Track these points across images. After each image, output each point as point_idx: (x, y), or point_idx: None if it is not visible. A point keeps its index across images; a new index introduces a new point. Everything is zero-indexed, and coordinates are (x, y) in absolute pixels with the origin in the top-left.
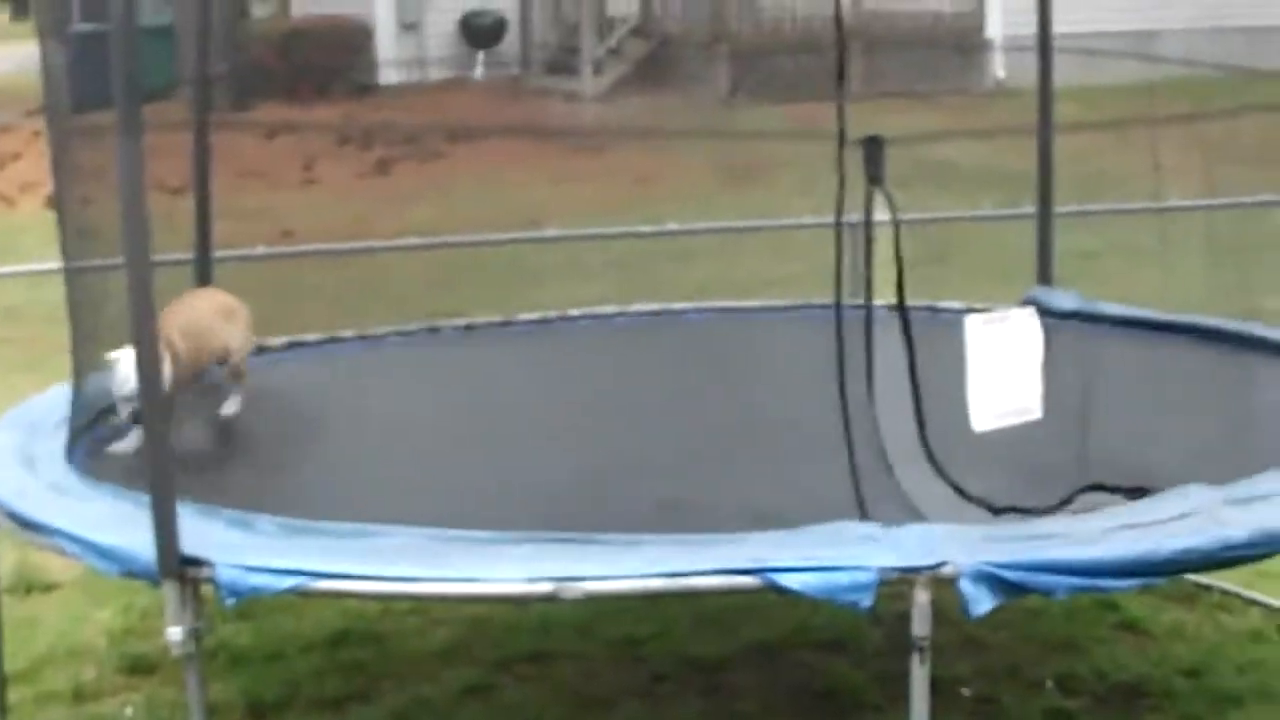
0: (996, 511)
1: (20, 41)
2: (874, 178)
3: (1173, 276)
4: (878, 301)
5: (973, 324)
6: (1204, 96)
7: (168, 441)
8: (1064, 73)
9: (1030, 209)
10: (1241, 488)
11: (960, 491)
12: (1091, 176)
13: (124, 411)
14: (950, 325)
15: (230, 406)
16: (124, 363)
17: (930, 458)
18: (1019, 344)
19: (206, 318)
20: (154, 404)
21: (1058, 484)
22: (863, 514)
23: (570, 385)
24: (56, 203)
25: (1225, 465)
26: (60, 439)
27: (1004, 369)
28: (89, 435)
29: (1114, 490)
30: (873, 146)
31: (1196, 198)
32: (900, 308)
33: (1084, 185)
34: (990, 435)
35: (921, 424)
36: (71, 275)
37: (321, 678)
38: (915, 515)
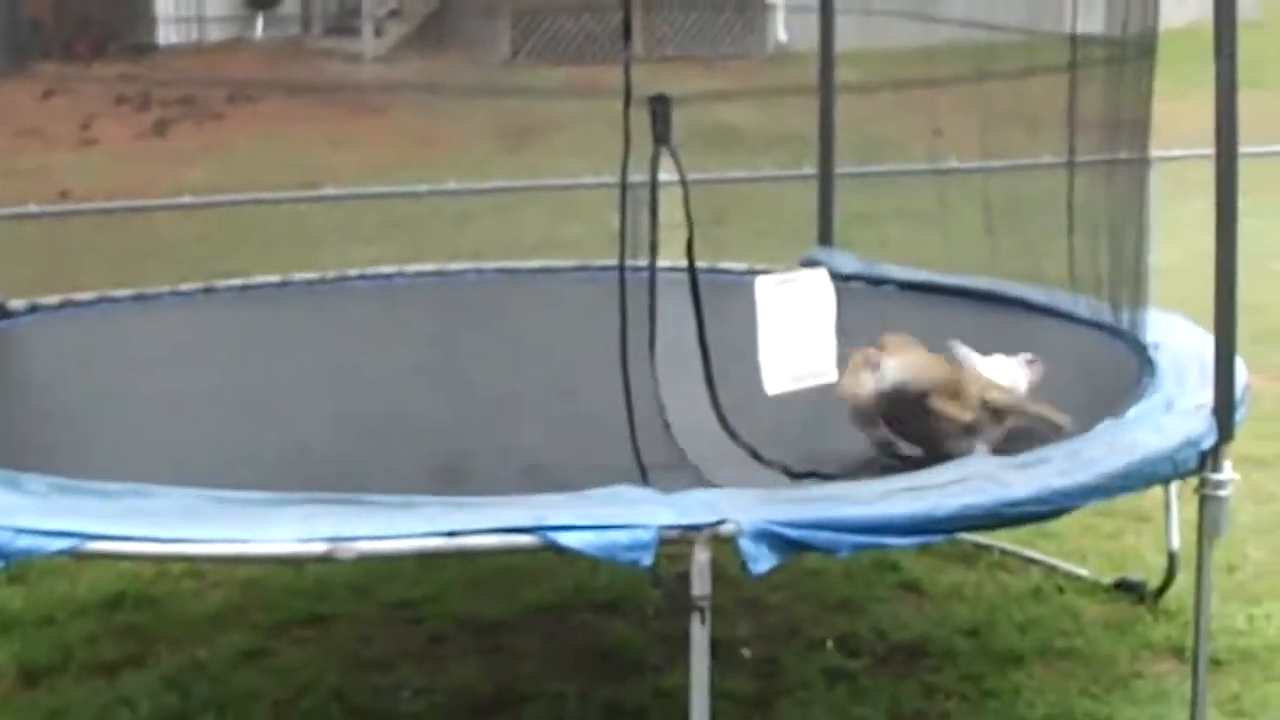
0: (794, 476)
1: None
2: (660, 137)
3: (953, 239)
4: (661, 262)
5: (763, 285)
6: (984, 60)
7: None
8: (845, 37)
9: (811, 171)
10: (1022, 454)
11: (756, 456)
12: (872, 140)
13: None
14: (733, 287)
15: None
16: None
17: (722, 422)
18: (810, 305)
19: None
20: None
21: (850, 451)
22: (644, 478)
23: (348, 346)
24: None
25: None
26: None
27: (796, 331)
28: None
29: (906, 459)
30: (659, 105)
31: (976, 160)
32: (690, 269)
33: (864, 148)
34: (779, 400)
35: (712, 388)
36: None
37: (95, 642)
38: (699, 480)
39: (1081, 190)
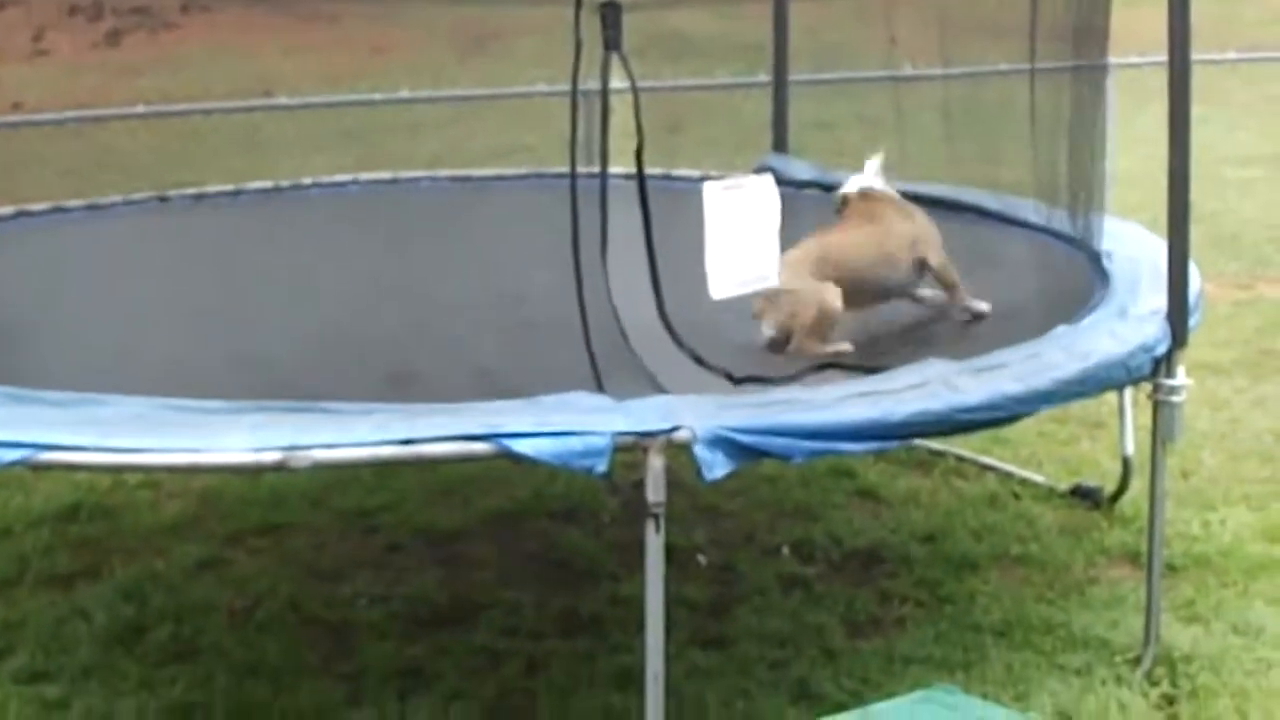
0: (736, 381)
1: None
2: (610, 43)
3: (909, 147)
4: (614, 170)
5: (710, 191)
6: None
7: None
8: None
9: (765, 78)
10: (977, 360)
11: (699, 361)
12: (827, 47)
13: None
14: (686, 194)
15: None
16: None
17: (668, 328)
18: (757, 211)
19: None
20: None
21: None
22: (599, 385)
23: (301, 255)
24: None
25: (963, 339)
26: None
27: (742, 236)
28: None
29: (850, 369)
30: (610, 11)
31: (933, 67)
32: (640, 176)
33: (820, 56)
34: (728, 305)
35: (659, 294)
36: None
37: (51, 553)
38: (653, 386)
39: (1040, 98)
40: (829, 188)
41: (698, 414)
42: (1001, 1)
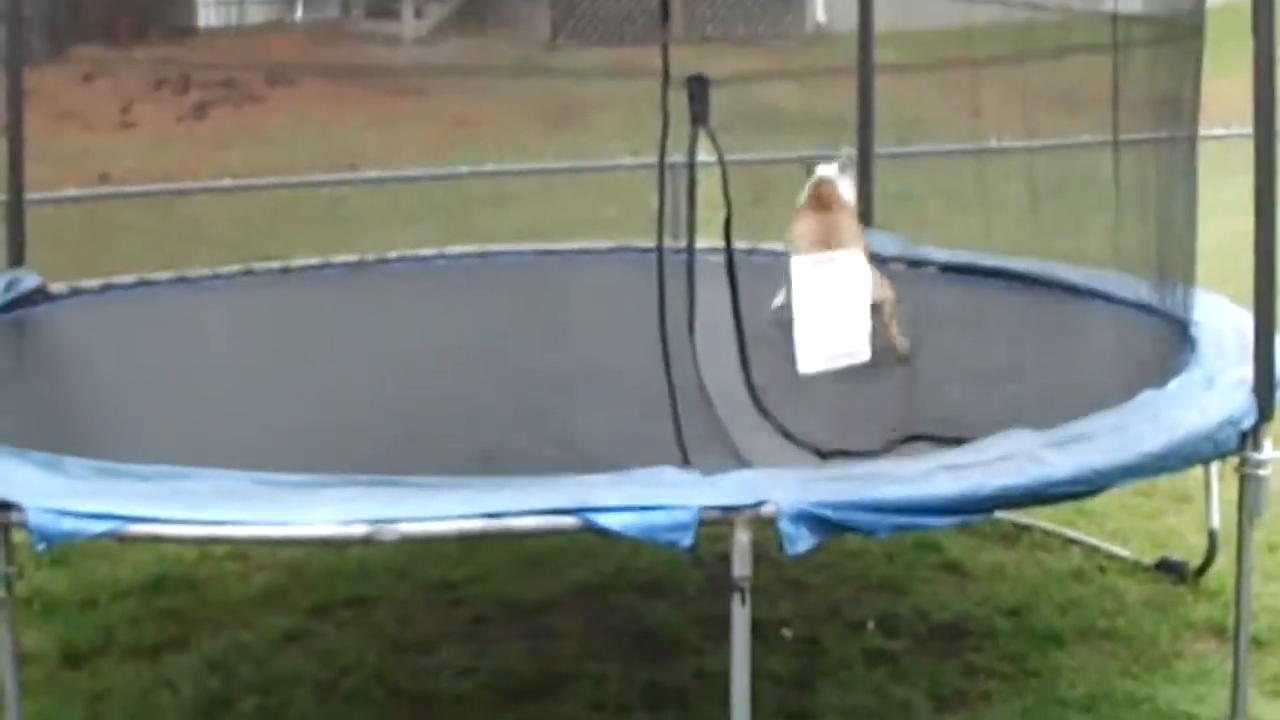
0: (824, 455)
1: None
2: (698, 117)
3: (993, 220)
4: (700, 243)
5: (800, 265)
6: (1023, 40)
7: None
8: (884, 16)
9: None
10: (1063, 430)
11: (787, 435)
12: (911, 120)
13: None
14: (770, 268)
15: None
16: None
17: (756, 402)
18: (846, 285)
19: None
20: None
21: (884, 430)
22: (685, 459)
23: (388, 329)
24: None
25: (1047, 410)
26: None
27: (831, 311)
28: None
29: (937, 440)
30: (698, 85)
31: (1016, 139)
32: (728, 250)
33: (903, 128)
34: (816, 380)
35: (747, 368)
36: None
37: (137, 625)
38: (739, 460)
39: (1126, 169)
40: (914, 262)
41: (783, 488)
42: (1086, 73)
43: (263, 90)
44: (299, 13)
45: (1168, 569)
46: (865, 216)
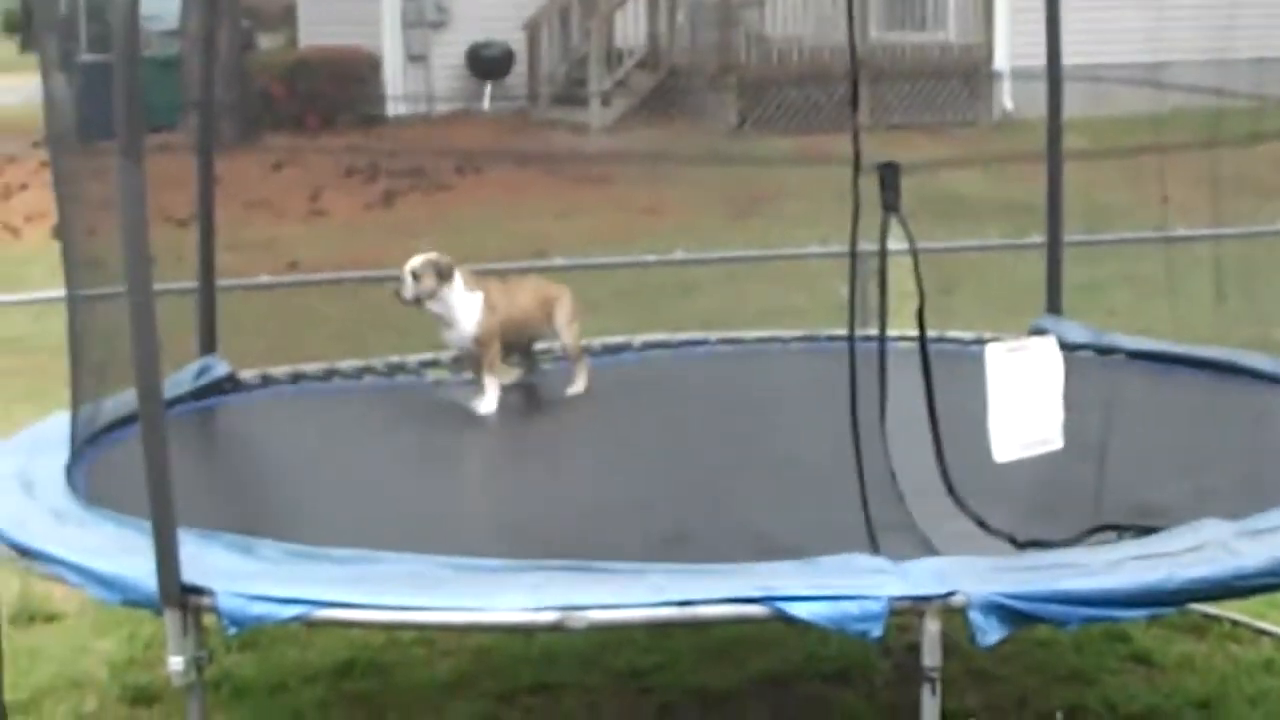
0: (1019, 545)
1: (28, 73)
2: (889, 204)
3: (1181, 307)
4: (890, 331)
5: (994, 353)
6: (1211, 127)
7: (168, 467)
8: (1072, 104)
9: (1037, 239)
10: (1254, 520)
11: (983, 525)
12: (1099, 207)
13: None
14: (959, 355)
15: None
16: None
17: (950, 491)
18: (1040, 373)
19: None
20: (152, 429)
21: (1073, 518)
22: (874, 547)
23: (576, 416)
24: (61, 233)
25: (1238, 499)
26: (60, 465)
27: (1025, 399)
28: (89, 460)
29: (1127, 529)
30: (888, 172)
31: (1204, 227)
32: (921, 338)
33: (1091, 216)
34: (1003, 468)
35: (941, 456)
36: (74, 304)
37: (326, 709)
38: (928, 548)
39: None
40: (1102, 350)
41: (973, 578)
42: (1274, 160)
43: (451, 178)
44: (486, 102)
45: None
46: (1054, 304)
